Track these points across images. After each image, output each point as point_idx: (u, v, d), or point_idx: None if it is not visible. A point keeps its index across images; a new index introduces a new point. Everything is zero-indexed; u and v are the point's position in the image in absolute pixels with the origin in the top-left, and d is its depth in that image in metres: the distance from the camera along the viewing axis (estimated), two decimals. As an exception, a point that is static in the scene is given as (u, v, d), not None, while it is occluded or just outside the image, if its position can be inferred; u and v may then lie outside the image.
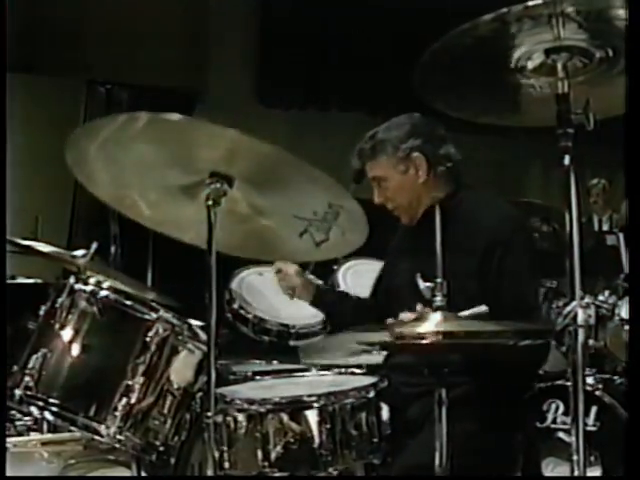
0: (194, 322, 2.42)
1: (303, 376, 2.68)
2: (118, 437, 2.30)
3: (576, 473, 1.71)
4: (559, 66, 1.77)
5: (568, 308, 1.70)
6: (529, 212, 3.72)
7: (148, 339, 2.34)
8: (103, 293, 2.36)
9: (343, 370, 2.71)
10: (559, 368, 2.91)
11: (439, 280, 1.99)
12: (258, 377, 2.72)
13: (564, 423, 3.20)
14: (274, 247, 2.25)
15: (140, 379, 2.32)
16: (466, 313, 2.00)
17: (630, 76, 1.68)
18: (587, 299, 1.73)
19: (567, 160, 1.76)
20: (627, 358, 3.24)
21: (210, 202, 1.96)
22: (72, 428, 2.34)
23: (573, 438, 1.71)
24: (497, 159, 7.96)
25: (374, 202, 2.59)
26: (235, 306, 3.20)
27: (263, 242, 2.23)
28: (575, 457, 1.69)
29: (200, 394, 2.43)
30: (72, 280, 2.41)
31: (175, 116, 1.87)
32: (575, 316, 1.70)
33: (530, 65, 1.83)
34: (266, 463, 2.21)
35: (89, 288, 2.37)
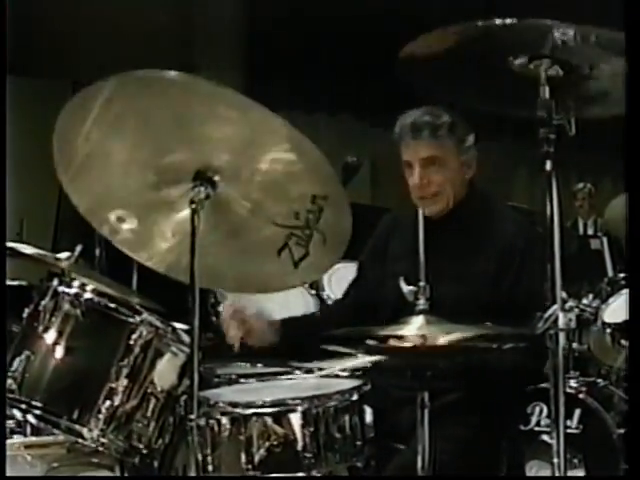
0: (178, 325, 2.41)
1: (288, 379, 2.68)
2: (101, 440, 2.29)
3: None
4: (541, 71, 1.79)
5: (549, 312, 1.72)
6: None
7: (132, 342, 2.33)
8: (87, 296, 2.35)
9: (327, 373, 2.71)
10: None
11: (422, 284, 2.00)
12: (243, 380, 2.72)
13: (548, 426, 3.21)
14: (250, 275, 2.20)
15: (124, 382, 2.31)
16: None
17: (630, 76, 1.69)
18: (571, 303, 1.74)
19: (549, 166, 1.77)
20: (628, 357, 3.25)
21: (194, 205, 1.96)
22: (55, 431, 2.33)
23: (554, 441, 1.72)
24: (482, 162, 7.98)
25: (412, 183, 2.50)
26: (220, 309, 3.20)
27: (239, 272, 2.21)
28: (555, 460, 1.70)
29: (184, 397, 2.42)
30: (55, 282, 2.40)
31: (173, 73, 1.81)
32: (556, 320, 1.71)
33: (514, 66, 1.84)
34: (250, 466, 2.20)
35: (72, 291, 2.36)
